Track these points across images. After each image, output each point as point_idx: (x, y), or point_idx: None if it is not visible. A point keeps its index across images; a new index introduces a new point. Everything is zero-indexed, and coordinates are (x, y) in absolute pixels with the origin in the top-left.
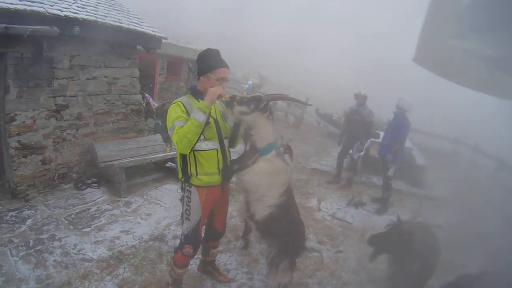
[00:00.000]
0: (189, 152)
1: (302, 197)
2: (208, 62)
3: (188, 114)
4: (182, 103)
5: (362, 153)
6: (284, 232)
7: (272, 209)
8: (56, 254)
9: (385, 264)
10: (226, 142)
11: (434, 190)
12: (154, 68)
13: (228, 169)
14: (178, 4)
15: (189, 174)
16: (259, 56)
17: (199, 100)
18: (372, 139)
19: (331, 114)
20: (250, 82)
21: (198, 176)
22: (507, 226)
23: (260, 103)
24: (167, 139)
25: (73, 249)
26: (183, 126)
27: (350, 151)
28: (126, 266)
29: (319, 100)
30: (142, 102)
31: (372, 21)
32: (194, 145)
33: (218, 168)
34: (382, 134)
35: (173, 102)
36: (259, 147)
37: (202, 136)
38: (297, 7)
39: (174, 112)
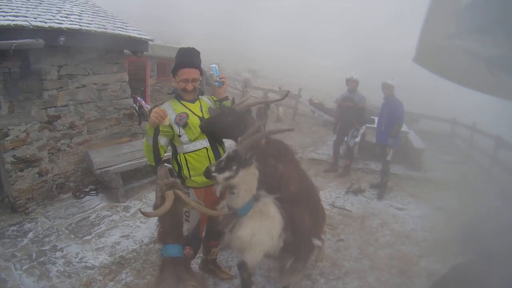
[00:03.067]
0: (178, 156)
1: None
2: (175, 63)
3: None
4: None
5: (357, 139)
6: (299, 248)
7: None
8: (59, 265)
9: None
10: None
11: (433, 173)
12: (144, 71)
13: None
14: (173, 7)
15: (184, 177)
16: (252, 52)
17: (182, 101)
18: (368, 125)
19: (323, 102)
20: (214, 65)
21: (192, 178)
22: (508, 204)
23: (242, 158)
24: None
25: (75, 258)
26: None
27: (346, 139)
28: (128, 271)
29: (313, 91)
30: (135, 105)
31: (364, 14)
32: (158, 158)
33: None
34: (376, 119)
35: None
36: (238, 207)
37: (186, 139)
38: (290, 4)
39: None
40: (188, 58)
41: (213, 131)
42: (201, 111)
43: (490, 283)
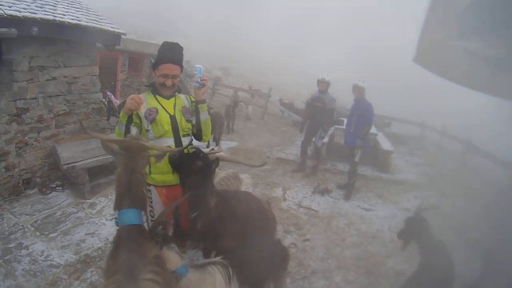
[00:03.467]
0: None
1: (267, 187)
2: (157, 57)
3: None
4: None
5: (325, 140)
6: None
7: None
8: (25, 263)
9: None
10: (187, 139)
11: (401, 175)
12: (115, 65)
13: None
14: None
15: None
16: (224, 50)
17: (157, 96)
18: (336, 126)
19: (293, 103)
20: (198, 65)
21: (151, 175)
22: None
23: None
24: None
25: (41, 256)
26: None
27: (314, 139)
28: (93, 269)
29: (283, 91)
30: (104, 100)
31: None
32: None
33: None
34: (345, 120)
35: None
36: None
37: (152, 135)
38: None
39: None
40: (171, 53)
41: (179, 167)
42: (174, 109)
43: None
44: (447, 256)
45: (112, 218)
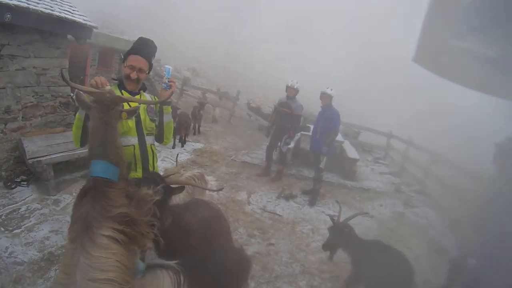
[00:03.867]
0: None
1: (231, 190)
2: (129, 49)
3: None
4: None
5: (290, 146)
6: None
7: None
8: None
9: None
10: (150, 138)
11: (366, 182)
12: (85, 59)
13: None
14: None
15: None
16: (192, 51)
17: (123, 91)
18: (303, 132)
19: (261, 107)
20: (167, 66)
21: None
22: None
23: None
24: None
25: (5, 252)
26: None
27: (279, 144)
28: (57, 268)
29: (251, 94)
30: (72, 94)
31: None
32: (82, 140)
33: (136, 165)
34: (312, 127)
35: None
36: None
37: None
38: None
39: None
40: (142, 47)
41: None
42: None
43: None
44: (384, 252)
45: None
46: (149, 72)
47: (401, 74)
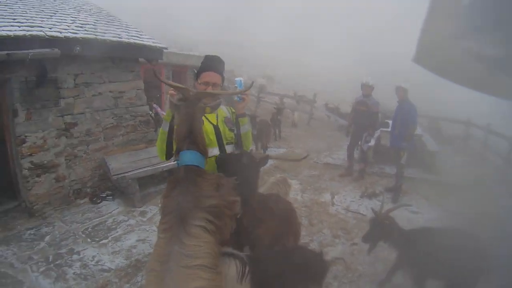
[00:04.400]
0: None
1: (315, 192)
2: (199, 68)
3: None
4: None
5: (370, 144)
6: None
7: None
8: (76, 267)
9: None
10: (230, 147)
11: (447, 175)
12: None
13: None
14: (174, 18)
15: None
16: (262, 59)
17: None
18: (382, 129)
19: (339, 107)
20: (239, 78)
21: None
22: None
23: None
24: None
25: (92, 261)
26: None
27: (359, 143)
28: (144, 273)
29: (327, 95)
30: (150, 112)
31: (370, 16)
32: (167, 153)
33: None
34: (391, 122)
35: None
36: None
37: None
38: (292, 10)
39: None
40: (212, 63)
41: (224, 167)
42: (217, 119)
43: None
44: (433, 241)
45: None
46: (221, 86)
47: (401, 74)
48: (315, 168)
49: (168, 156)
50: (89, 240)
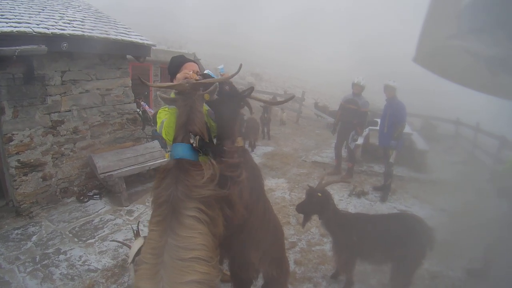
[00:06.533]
0: None
1: (303, 191)
2: (174, 68)
3: None
4: (167, 108)
5: (357, 142)
6: None
7: None
8: (62, 267)
9: None
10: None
11: (437, 174)
12: (148, 76)
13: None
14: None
15: None
16: (254, 58)
17: None
18: (371, 127)
19: (327, 105)
20: (221, 66)
21: None
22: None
23: None
24: (165, 145)
25: (78, 261)
26: None
27: (348, 141)
28: (134, 268)
29: (316, 93)
30: (138, 110)
31: (365, 20)
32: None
33: None
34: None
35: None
36: None
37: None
38: (290, 13)
39: (161, 114)
40: (183, 58)
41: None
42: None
43: None
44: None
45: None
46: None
47: (402, 74)
48: (303, 167)
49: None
50: (76, 239)
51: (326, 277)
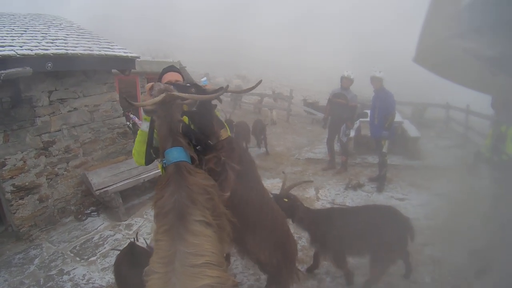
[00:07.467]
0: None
1: (299, 188)
2: (159, 76)
3: None
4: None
5: (350, 136)
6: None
7: None
8: None
9: None
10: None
11: (431, 160)
12: (135, 88)
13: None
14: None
15: None
16: (242, 60)
17: None
18: (362, 119)
19: (317, 101)
20: (204, 78)
21: None
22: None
23: None
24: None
25: (82, 279)
26: None
27: (340, 135)
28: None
29: (304, 90)
30: (128, 123)
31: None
32: (146, 157)
33: None
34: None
35: None
36: None
37: None
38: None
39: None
40: (169, 68)
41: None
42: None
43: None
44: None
45: (160, 161)
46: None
47: (401, 73)
48: (297, 164)
49: (148, 159)
50: (77, 258)
51: (330, 272)
